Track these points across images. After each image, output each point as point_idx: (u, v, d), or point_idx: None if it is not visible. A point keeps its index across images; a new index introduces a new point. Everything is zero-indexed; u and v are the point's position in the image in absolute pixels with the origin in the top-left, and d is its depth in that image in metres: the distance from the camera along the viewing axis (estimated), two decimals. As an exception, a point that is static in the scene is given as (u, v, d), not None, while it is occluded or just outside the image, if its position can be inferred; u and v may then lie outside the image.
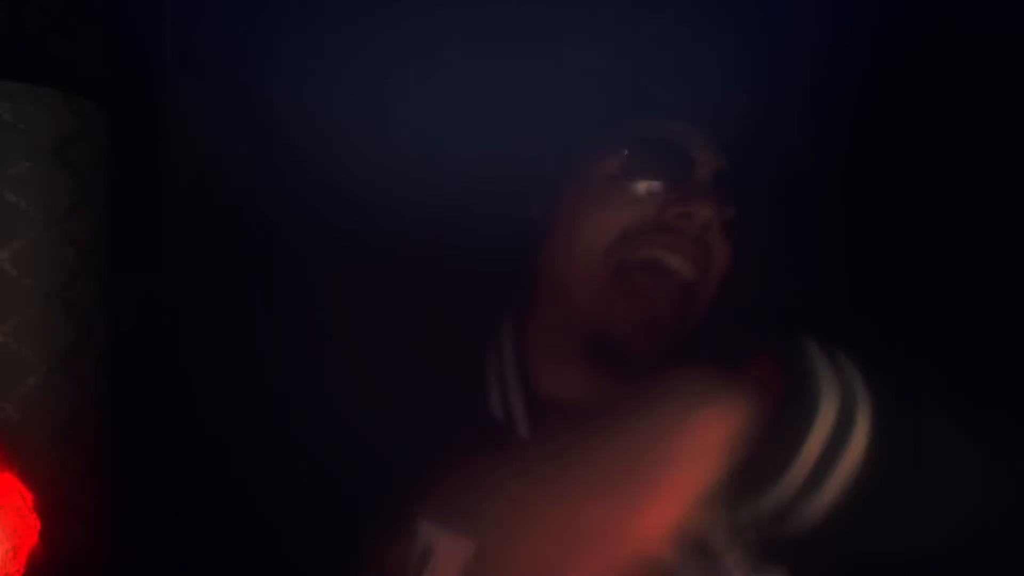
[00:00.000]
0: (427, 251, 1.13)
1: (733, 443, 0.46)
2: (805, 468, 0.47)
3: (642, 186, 0.61)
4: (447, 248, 0.98)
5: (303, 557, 0.86)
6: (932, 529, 0.53)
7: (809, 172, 0.88)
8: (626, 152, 0.62)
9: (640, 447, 0.46)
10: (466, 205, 0.86)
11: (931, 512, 0.53)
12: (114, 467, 0.80)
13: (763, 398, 0.48)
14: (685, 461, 0.46)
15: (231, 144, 1.19)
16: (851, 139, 1.07)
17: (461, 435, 0.64)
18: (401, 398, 0.78)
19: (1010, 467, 0.57)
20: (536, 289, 0.67)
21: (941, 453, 0.53)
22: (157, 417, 1.05)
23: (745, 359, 0.49)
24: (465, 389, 0.70)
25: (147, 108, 1.01)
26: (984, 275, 1.07)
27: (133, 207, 0.93)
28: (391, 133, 1.25)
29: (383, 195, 1.20)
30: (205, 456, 1.12)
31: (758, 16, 1.03)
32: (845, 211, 1.05)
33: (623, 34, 0.93)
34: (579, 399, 0.64)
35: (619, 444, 0.47)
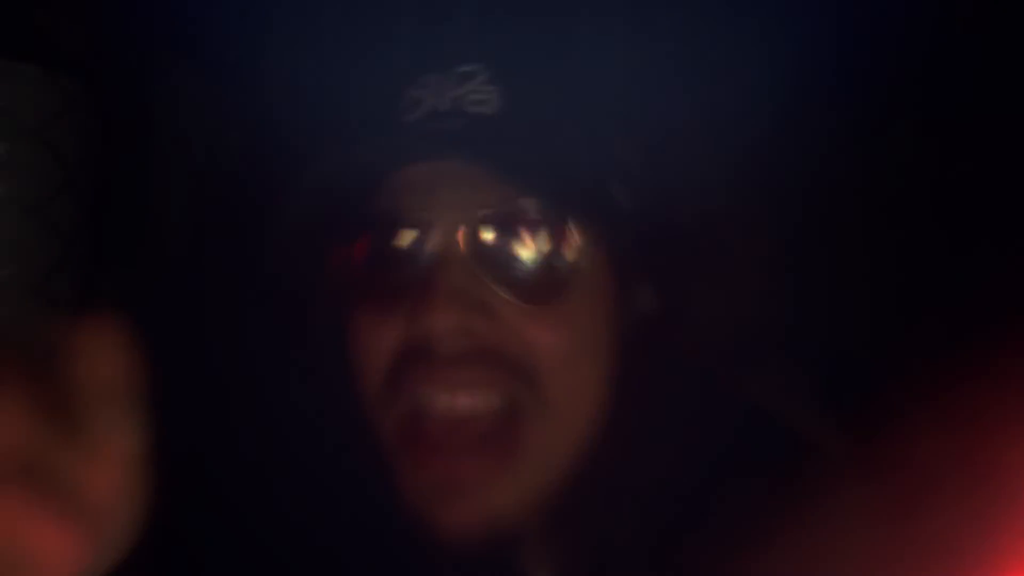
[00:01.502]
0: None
1: None
2: None
3: (374, 298, 0.40)
4: None
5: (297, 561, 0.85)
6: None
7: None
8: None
9: None
10: None
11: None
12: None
13: None
14: None
15: (224, 131, 1.16)
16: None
17: None
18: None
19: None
20: None
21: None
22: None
23: None
24: None
25: (136, 88, 0.97)
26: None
27: (119, 194, 0.90)
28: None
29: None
30: (194, 453, 1.09)
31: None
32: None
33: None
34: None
35: None
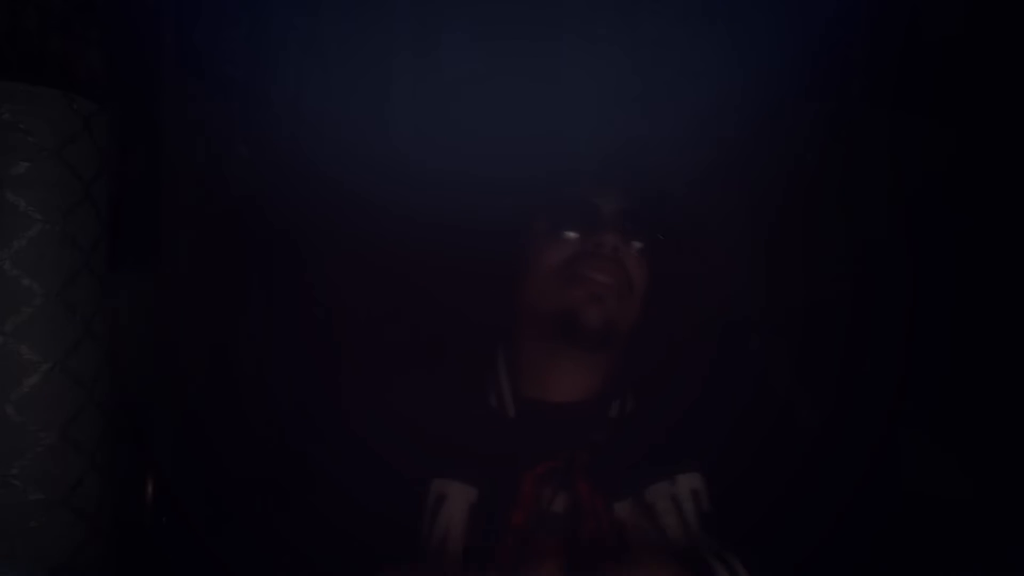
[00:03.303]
0: (430, 257, 1.15)
1: None
2: None
3: (566, 232, 0.90)
4: (451, 258, 1.10)
5: (301, 553, 0.86)
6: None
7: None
8: (549, 212, 0.91)
9: None
10: (465, 226, 1.05)
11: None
12: (114, 467, 0.80)
13: None
14: None
15: (231, 144, 1.19)
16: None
17: (466, 418, 0.90)
18: (409, 395, 0.93)
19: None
20: (519, 312, 0.94)
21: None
22: (157, 417, 1.05)
23: None
24: (469, 387, 0.94)
25: (147, 108, 1.00)
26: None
27: (133, 207, 0.93)
28: (390, 133, 1.25)
29: (383, 196, 1.20)
30: (204, 456, 1.12)
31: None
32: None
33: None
34: (550, 393, 0.92)
35: None
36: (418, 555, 0.83)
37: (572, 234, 0.90)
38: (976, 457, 1.06)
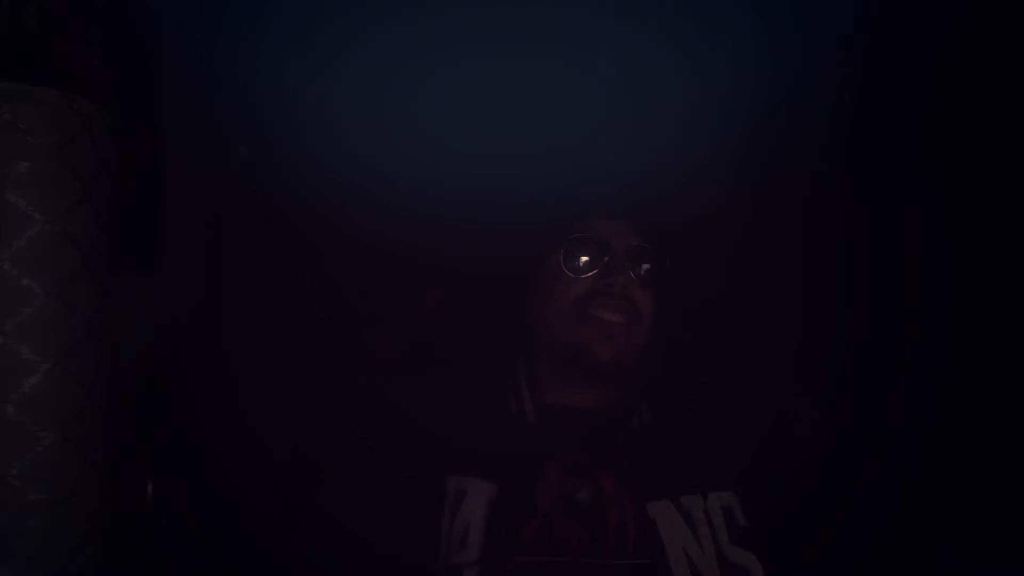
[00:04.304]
0: (434, 258, 1.16)
1: None
2: None
3: (579, 268, 0.94)
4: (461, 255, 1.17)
5: (302, 556, 0.87)
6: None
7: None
8: (562, 250, 0.95)
9: None
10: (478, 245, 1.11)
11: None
12: (114, 467, 0.80)
13: None
14: None
15: (231, 144, 1.19)
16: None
17: (486, 425, 0.93)
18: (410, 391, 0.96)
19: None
20: (536, 334, 0.98)
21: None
22: (157, 417, 1.05)
23: None
24: (488, 394, 0.98)
25: (147, 108, 1.00)
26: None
27: (133, 207, 0.93)
28: (390, 133, 1.25)
29: (383, 196, 1.20)
30: (204, 456, 1.12)
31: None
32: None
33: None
34: (566, 402, 0.96)
35: None
36: (429, 559, 0.85)
37: (585, 273, 0.93)
38: (976, 457, 1.06)
